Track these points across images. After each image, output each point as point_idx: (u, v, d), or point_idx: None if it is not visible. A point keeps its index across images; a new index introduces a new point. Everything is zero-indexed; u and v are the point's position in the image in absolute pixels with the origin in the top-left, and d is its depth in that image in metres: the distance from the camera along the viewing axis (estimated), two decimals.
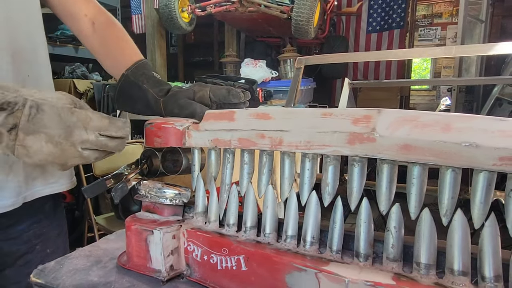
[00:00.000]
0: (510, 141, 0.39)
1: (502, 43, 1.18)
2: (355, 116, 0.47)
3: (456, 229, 0.43)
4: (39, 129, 0.52)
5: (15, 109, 0.51)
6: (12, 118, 0.51)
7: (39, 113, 0.52)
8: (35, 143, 0.52)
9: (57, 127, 0.53)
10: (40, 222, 0.81)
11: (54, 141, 0.53)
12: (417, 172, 0.44)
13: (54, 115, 0.53)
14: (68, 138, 0.53)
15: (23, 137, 0.51)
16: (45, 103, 0.53)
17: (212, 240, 0.57)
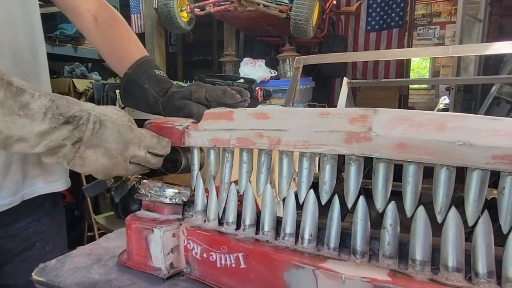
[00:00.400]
0: (503, 140, 0.40)
1: (499, 42, 1.19)
2: (352, 116, 0.48)
3: (450, 227, 0.43)
4: (100, 143, 0.54)
5: (80, 123, 0.52)
6: (78, 132, 0.52)
7: (102, 128, 0.54)
8: (93, 155, 0.54)
9: (116, 142, 0.55)
10: (40, 220, 0.82)
11: (110, 155, 0.55)
12: (412, 171, 0.45)
13: (115, 131, 0.55)
14: (124, 153, 0.56)
15: (83, 150, 0.53)
16: (107, 119, 0.55)
17: (211, 238, 0.57)
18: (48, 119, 0.50)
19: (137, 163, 0.59)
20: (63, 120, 0.51)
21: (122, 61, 0.78)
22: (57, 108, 0.51)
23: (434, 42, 7.63)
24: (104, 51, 0.85)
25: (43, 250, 0.82)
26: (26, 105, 0.49)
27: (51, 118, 0.50)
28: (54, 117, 0.51)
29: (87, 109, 0.54)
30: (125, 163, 0.58)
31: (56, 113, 0.51)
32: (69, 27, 2.62)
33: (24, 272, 0.72)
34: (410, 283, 0.43)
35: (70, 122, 0.52)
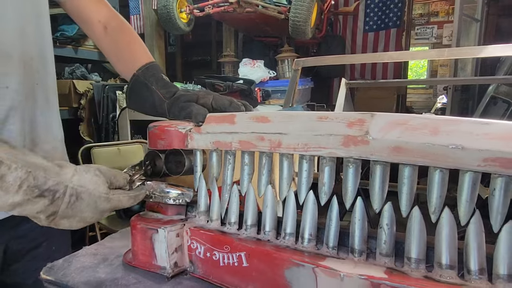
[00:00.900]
0: (493, 144, 0.42)
1: (493, 45, 1.20)
2: (349, 120, 0.50)
3: (444, 226, 0.46)
4: (75, 214, 0.55)
5: (56, 197, 0.52)
6: (53, 207, 0.53)
7: (78, 201, 0.54)
8: (66, 223, 0.56)
9: (91, 212, 0.56)
10: None
11: (85, 221, 0.57)
12: (407, 173, 0.47)
13: (92, 202, 0.56)
14: (99, 217, 0.58)
15: (58, 220, 0.54)
16: (83, 191, 0.55)
17: (214, 238, 0.59)
18: (22, 191, 0.50)
19: None
20: (38, 193, 0.51)
21: (130, 65, 0.80)
22: (34, 180, 0.51)
23: (431, 41, 7.67)
24: (113, 56, 0.87)
25: (50, 249, 0.84)
26: (1, 176, 0.49)
27: (26, 190, 0.50)
28: (29, 189, 0.50)
29: (64, 180, 0.54)
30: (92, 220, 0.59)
31: (32, 185, 0.50)
32: (70, 29, 2.64)
33: (32, 271, 0.74)
34: (406, 280, 0.45)
35: (45, 196, 0.52)
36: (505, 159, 0.41)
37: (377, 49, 4.54)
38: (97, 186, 0.56)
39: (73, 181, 0.54)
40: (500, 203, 0.43)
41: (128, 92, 0.80)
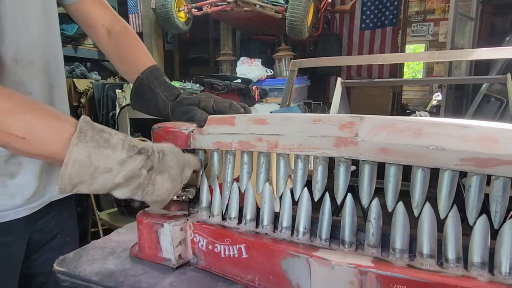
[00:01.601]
0: (469, 145, 0.46)
1: (480, 49, 1.25)
2: (341, 123, 0.54)
3: (425, 219, 0.50)
4: (166, 169, 0.61)
5: (149, 153, 0.59)
6: (150, 161, 0.58)
7: (165, 156, 0.61)
8: (160, 181, 0.60)
9: (176, 166, 0.63)
10: (60, 214, 0.89)
11: (172, 178, 0.62)
12: (393, 171, 0.52)
13: (174, 157, 0.63)
14: (181, 174, 0.64)
15: (154, 177, 0.59)
16: (165, 148, 0.62)
17: (216, 231, 0.64)
18: (125, 149, 0.57)
19: None
20: (137, 150, 0.58)
21: (133, 68, 0.84)
22: (130, 141, 0.58)
23: (428, 39, 7.72)
24: (116, 60, 0.91)
25: (63, 241, 0.89)
26: (107, 139, 0.56)
27: (128, 148, 0.57)
28: (130, 147, 0.57)
29: (147, 142, 0.62)
30: (181, 184, 0.65)
31: (131, 145, 0.58)
32: (69, 28, 2.66)
33: (48, 261, 0.80)
34: (390, 268, 0.49)
35: (142, 153, 0.58)
36: (480, 159, 0.46)
37: (373, 47, 4.59)
38: (171, 146, 0.64)
39: (154, 145, 0.62)
40: (475, 198, 0.48)
41: (133, 94, 0.84)
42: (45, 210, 0.84)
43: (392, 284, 0.48)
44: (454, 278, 0.47)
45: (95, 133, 0.56)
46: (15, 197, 0.77)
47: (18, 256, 0.81)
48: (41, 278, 0.88)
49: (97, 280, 0.62)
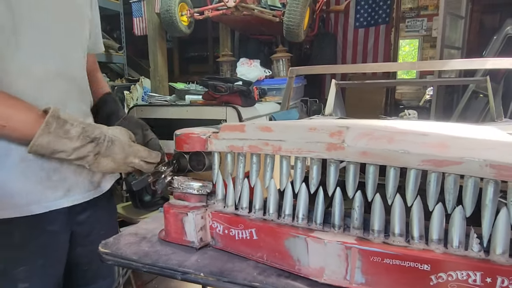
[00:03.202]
0: (428, 150, 0.61)
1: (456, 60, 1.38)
2: (331, 131, 0.68)
3: (396, 207, 0.65)
4: (110, 154, 0.84)
5: (99, 142, 0.82)
6: (98, 148, 0.82)
7: (112, 145, 0.83)
8: (105, 161, 0.83)
9: (120, 154, 0.85)
10: (99, 210, 1.03)
11: (116, 161, 0.84)
12: (372, 170, 0.66)
13: (120, 147, 0.84)
14: (125, 160, 0.84)
15: (100, 158, 0.81)
16: (115, 139, 0.84)
17: (231, 219, 0.78)
18: (80, 139, 0.80)
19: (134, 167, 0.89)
20: (89, 140, 0.81)
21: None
22: (86, 132, 0.81)
23: (422, 34, 7.85)
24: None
25: (101, 234, 1.04)
26: (67, 131, 0.79)
27: (82, 139, 0.80)
28: (84, 138, 0.80)
29: (104, 132, 0.84)
30: (125, 166, 0.86)
31: (85, 135, 0.80)
32: None
33: (89, 252, 0.95)
34: (369, 244, 0.64)
35: (93, 141, 0.81)
36: (436, 160, 0.60)
37: (367, 44, 4.73)
38: (123, 136, 0.86)
39: (108, 132, 0.84)
40: (433, 190, 0.62)
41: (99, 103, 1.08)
42: (85, 205, 0.99)
43: (370, 256, 0.63)
44: (417, 251, 0.62)
45: (58, 126, 0.77)
46: (57, 190, 0.92)
47: (63, 245, 0.96)
48: (84, 267, 1.04)
49: (136, 259, 0.76)
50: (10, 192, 0.85)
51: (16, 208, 0.86)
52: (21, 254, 0.87)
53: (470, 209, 0.60)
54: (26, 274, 0.87)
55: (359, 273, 0.63)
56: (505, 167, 0.55)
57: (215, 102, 2.32)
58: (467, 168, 0.57)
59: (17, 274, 0.86)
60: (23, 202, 0.86)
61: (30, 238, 0.88)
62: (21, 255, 0.87)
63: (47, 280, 0.92)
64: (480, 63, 1.12)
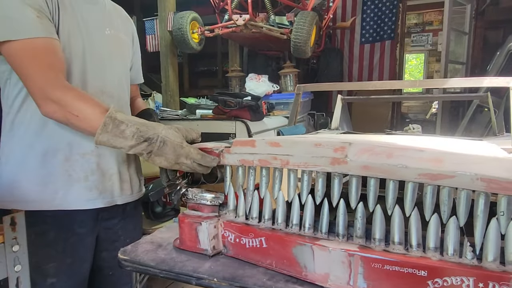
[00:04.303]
0: (425, 164, 0.66)
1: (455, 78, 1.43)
2: (335, 147, 0.74)
3: (396, 217, 0.70)
4: (162, 154, 0.90)
5: (152, 142, 0.89)
6: (150, 147, 0.89)
7: (164, 146, 0.89)
8: (158, 159, 0.90)
9: (171, 154, 0.90)
10: (125, 219, 1.11)
11: (168, 161, 0.90)
12: (373, 183, 0.71)
13: (172, 148, 0.89)
14: (176, 160, 0.90)
15: (153, 157, 0.90)
16: (168, 139, 0.90)
17: (241, 228, 0.84)
18: (134, 139, 0.89)
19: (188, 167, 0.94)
20: (142, 140, 0.89)
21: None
22: (140, 132, 0.89)
23: (427, 48, 7.95)
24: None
25: (125, 242, 1.13)
26: (123, 131, 0.89)
27: (136, 138, 0.89)
28: (138, 138, 0.89)
29: (158, 132, 0.90)
30: (176, 165, 0.91)
31: (139, 136, 0.89)
32: None
33: (113, 258, 1.02)
34: (371, 252, 0.69)
35: (146, 141, 0.89)
36: (431, 174, 0.65)
37: (373, 59, 4.81)
38: (176, 137, 0.91)
39: (162, 133, 0.90)
40: (429, 202, 0.67)
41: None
42: (113, 213, 1.07)
43: (371, 262, 0.68)
44: (415, 258, 0.67)
45: (114, 126, 0.89)
46: (92, 190, 1.05)
47: (89, 247, 1.04)
48: (108, 271, 1.12)
49: (153, 265, 0.82)
50: (53, 187, 1.01)
51: (56, 201, 1.01)
52: (53, 251, 0.98)
53: (463, 219, 0.65)
54: (55, 270, 0.99)
55: (362, 278, 0.68)
56: (494, 181, 0.61)
57: (225, 116, 2.40)
58: (460, 181, 0.63)
59: (48, 269, 0.98)
60: (63, 197, 1.02)
61: (61, 238, 0.99)
62: (53, 253, 0.98)
63: (73, 278, 1.02)
64: (478, 82, 1.18)
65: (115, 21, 1.20)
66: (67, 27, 1.03)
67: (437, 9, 6.95)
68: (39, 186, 1.01)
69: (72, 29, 1.04)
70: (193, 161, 0.90)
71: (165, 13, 3.28)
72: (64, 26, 1.02)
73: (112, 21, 1.18)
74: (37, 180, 1.01)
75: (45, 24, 0.95)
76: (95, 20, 1.11)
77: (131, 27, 1.31)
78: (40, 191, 1.00)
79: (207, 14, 3.83)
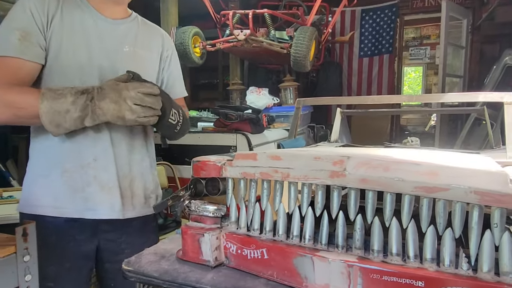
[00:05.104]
0: (420, 177, 0.68)
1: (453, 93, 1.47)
2: (334, 160, 0.77)
3: (393, 229, 0.72)
4: (105, 95, 0.98)
5: (90, 91, 0.99)
6: (91, 95, 0.99)
7: (102, 90, 0.99)
8: (105, 105, 0.97)
9: (112, 92, 0.98)
10: (130, 234, 1.14)
11: (114, 100, 0.96)
12: (371, 195, 0.74)
13: (109, 88, 0.99)
14: (120, 95, 0.97)
15: (98, 102, 0.97)
16: (102, 85, 1.01)
17: (243, 239, 0.86)
18: (73, 94, 0.97)
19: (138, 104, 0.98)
20: (80, 92, 0.98)
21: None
22: (75, 89, 0.99)
23: (425, 61, 8.05)
24: None
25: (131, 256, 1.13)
26: (60, 93, 0.97)
27: (74, 93, 0.98)
28: (76, 92, 0.98)
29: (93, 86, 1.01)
30: (126, 103, 0.97)
31: (76, 91, 0.98)
32: None
33: (116, 271, 1.05)
34: (369, 263, 0.71)
35: (85, 92, 0.98)
36: (427, 187, 0.68)
37: (371, 72, 4.88)
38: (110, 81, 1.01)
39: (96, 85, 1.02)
40: (426, 214, 0.69)
41: None
42: (117, 227, 1.10)
43: (370, 273, 0.70)
44: (412, 269, 0.68)
45: (51, 92, 0.96)
46: (88, 201, 1.09)
47: (89, 255, 1.07)
48: (111, 283, 1.14)
49: (157, 276, 0.84)
50: (53, 196, 1.08)
51: (55, 208, 1.08)
52: (53, 255, 1.00)
53: (458, 231, 0.67)
54: (53, 273, 1.03)
55: None
56: (488, 194, 0.63)
57: (226, 129, 2.43)
58: (454, 194, 0.65)
59: (47, 272, 0.99)
60: (61, 205, 1.08)
61: (62, 242, 1.03)
62: (53, 256, 1.00)
63: (71, 283, 1.03)
64: (473, 96, 1.22)
65: (140, 39, 1.26)
66: (72, 46, 1.11)
67: (434, 24, 7.07)
68: (41, 193, 1.09)
69: (80, 48, 1.12)
70: (137, 91, 0.97)
71: (167, 27, 3.35)
72: (69, 46, 1.10)
73: (136, 38, 1.25)
74: (41, 187, 1.09)
75: (25, 47, 1.03)
76: (113, 38, 1.19)
77: (163, 44, 1.38)
78: (42, 198, 1.08)
79: (208, 28, 3.92)
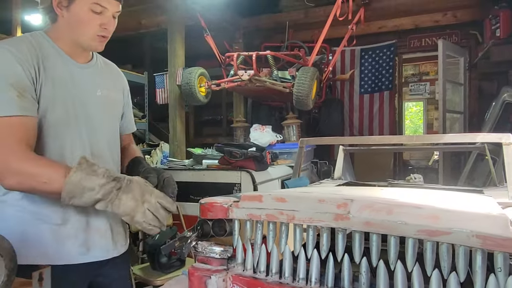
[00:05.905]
0: (423, 221, 0.70)
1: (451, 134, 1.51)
2: (338, 203, 0.79)
3: (398, 272, 0.73)
4: (129, 191, 1.00)
5: (120, 180, 1.01)
6: (119, 184, 1.01)
7: (131, 183, 1.02)
8: (126, 199, 0.99)
9: (137, 190, 1.01)
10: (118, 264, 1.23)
11: (134, 198, 0.98)
12: (375, 238, 0.75)
13: (137, 185, 1.02)
14: (142, 196, 0.99)
15: (121, 194, 1.00)
16: (133, 179, 1.04)
17: (249, 282, 0.86)
18: (105, 177, 0.99)
19: (151, 212, 1.00)
20: (112, 178, 1.00)
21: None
22: (109, 172, 1.01)
23: (425, 96, 8.20)
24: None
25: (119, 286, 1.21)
26: (95, 170, 1.00)
27: (107, 177, 1.00)
28: (109, 176, 1.00)
29: (123, 175, 1.04)
30: (142, 206, 0.99)
31: (109, 175, 1.00)
32: None
33: None
34: None
35: (115, 180, 1.00)
36: (430, 230, 0.69)
37: (372, 108, 4.98)
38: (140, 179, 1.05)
39: (127, 176, 1.04)
40: (430, 257, 0.70)
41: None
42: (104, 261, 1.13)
43: None
44: None
45: (88, 165, 0.99)
46: (82, 247, 1.13)
47: None
48: None
49: None
50: (45, 245, 1.11)
51: (49, 257, 1.09)
52: None
53: (463, 275, 0.68)
54: None
55: None
56: (489, 238, 0.65)
57: (230, 166, 2.47)
58: (456, 238, 0.67)
59: None
60: (54, 253, 1.11)
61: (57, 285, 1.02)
62: None
63: None
64: (472, 137, 1.25)
65: (106, 80, 1.28)
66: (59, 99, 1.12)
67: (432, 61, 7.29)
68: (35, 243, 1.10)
69: (62, 98, 1.12)
70: (157, 200, 1.01)
71: (174, 68, 3.50)
72: (56, 99, 1.11)
73: (103, 81, 1.26)
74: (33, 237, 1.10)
75: (25, 102, 1.03)
76: (86, 83, 1.19)
77: (123, 82, 1.38)
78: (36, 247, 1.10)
79: (213, 66, 4.07)
